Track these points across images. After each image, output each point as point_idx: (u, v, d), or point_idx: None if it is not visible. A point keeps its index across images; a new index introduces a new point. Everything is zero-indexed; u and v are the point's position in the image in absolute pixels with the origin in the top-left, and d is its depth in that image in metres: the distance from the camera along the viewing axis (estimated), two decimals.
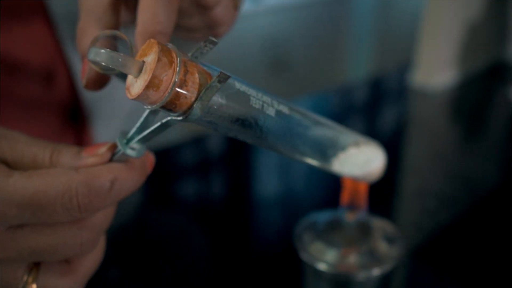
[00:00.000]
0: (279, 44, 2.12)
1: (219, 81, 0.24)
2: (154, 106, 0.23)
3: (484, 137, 0.68)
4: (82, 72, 0.27)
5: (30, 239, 0.25)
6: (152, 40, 0.23)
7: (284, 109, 0.28)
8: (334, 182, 0.39)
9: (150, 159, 0.29)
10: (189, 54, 0.25)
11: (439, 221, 0.50)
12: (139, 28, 0.27)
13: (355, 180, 0.34)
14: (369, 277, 0.35)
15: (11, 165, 0.27)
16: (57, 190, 0.24)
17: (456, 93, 0.81)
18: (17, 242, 0.25)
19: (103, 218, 0.27)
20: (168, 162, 0.64)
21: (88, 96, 0.53)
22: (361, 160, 0.33)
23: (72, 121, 0.55)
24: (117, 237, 0.47)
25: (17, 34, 0.47)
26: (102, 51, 0.23)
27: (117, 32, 0.25)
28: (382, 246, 0.36)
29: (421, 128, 0.74)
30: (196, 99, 0.24)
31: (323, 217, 0.39)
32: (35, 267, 0.27)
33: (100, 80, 0.27)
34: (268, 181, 0.61)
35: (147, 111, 0.26)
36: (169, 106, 0.24)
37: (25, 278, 0.27)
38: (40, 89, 0.49)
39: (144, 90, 0.23)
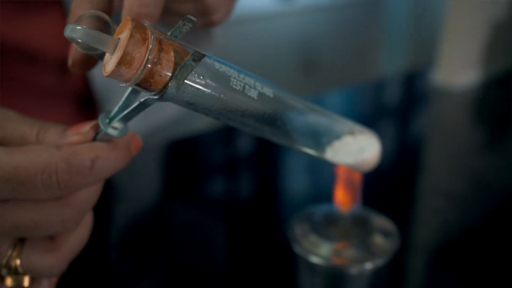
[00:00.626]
0: (311, 45, 2.11)
1: (194, 60, 0.24)
2: (128, 84, 0.23)
3: (505, 139, 0.66)
4: (69, 53, 0.28)
5: (12, 214, 0.26)
6: (128, 17, 0.23)
7: (268, 92, 0.27)
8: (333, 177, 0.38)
9: (136, 140, 0.29)
10: (168, 33, 0.25)
11: (447, 220, 0.48)
12: (125, 10, 0.27)
13: (349, 169, 0.34)
14: (362, 271, 0.34)
15: (1, 142, 0.27)
16: (37, 166, 0.25)
17: (478, 93, 0.79)
18: (0, 217, 0.26)
19: (87, 196, 0.27)
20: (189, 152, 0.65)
21: (101, 85, 0.54)
22: (355, 149, 0.32)
23: (85, 109, 0.56)
24: (137, 227, 0.47)
25: (32, 24, 0.48)
26: (78, 27, 0.23)
27: (99, 13, 0.26)
28: (377, 240, 0.36)
29: (441, 128, 0.72)
30: (171, 78, 0.24)
31: (318, 210, 0.39)
32: (20, 243, 0.28)
33: (86, 61, 0.27)
34: (266, 175, 0.61)
35: (128, 91, 0.26)
36: (144, 84, 0.24)
37: (9, 252, 0.28)
38: (54, 78, 0.51)
39: (116, 66, 0.23)
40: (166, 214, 0.51)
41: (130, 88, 0.26)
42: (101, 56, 0.26)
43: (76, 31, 0.23)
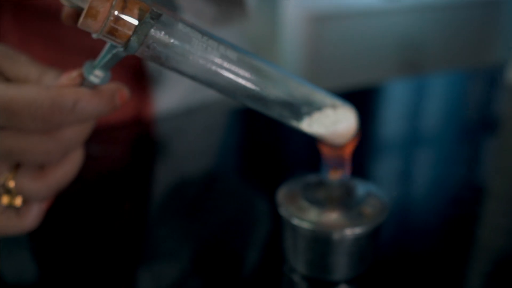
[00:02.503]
0: (415, 45, 2.04)
1: (152, 18, 0.27)
2: (95, 35, 0.27)
3: None
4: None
5: (6, 139, 0.31)
6: None
7: (232, 55, 0.30)
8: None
9: (122, 92, 0.32)
10: None
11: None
12: None
13: (322, 140, 0.35)
14: (347, 236, 0.35)
15: (11, 80, 0.32)
16: (26, 100, 0.29)
17: None
18: None
19: (72, 134, 0.32)
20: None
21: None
22: (330, 121, 0.34)
23: (137, 81, 0.61)
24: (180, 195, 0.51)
25: None
26: None
27: None
28: (364, 208, 0.37)
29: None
30: (133, 33, 0.27)
31: (307, 178, 0.40)
32: (16, 168, 0.33)
33: (75, 16, 0.31)
34: (260, 146, 0.62)
35: (108, 44, 0.30)
36: (110, 37, 0.27)
37: (6, 174, 0.33)
38: None
39: (83, 18, 0.26)
40: (207, 180, 0.55)
41: (109, 43, 0.29)
42: None
43: None
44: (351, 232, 0.35)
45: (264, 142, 0.66)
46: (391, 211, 0.38)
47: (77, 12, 0.30)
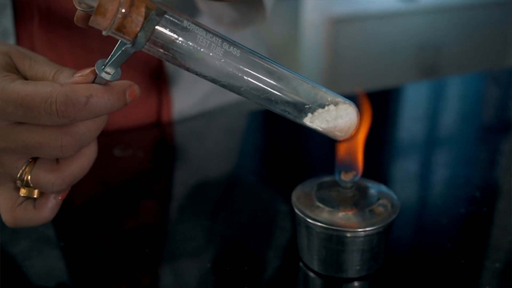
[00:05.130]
0: (433, 46, 2.03)
1: (157, 15, 0.28)
2: (105, 32, 0.29)
3: None
4: None
5: (24, 134, 0.32)
6: None
7: (235, 52, 0.31)
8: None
9: (133, 89, 0.34)
10: None
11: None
12: None
13: (327, 135, 0.36)
14: (359, 235, 0.36)
15: (28, 79, 0.34)
16: (42, 96, 0.31)
17: None
18: (14, 135, 0.32)
19: (86, 129, 0.33)
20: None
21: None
22: (332, 116, 0.35)
23: (154, 79, 0.63)
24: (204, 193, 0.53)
25: None
26: None
27: None
28: (376, 208, 0.37)
29: None
30: (140, 29, 0.28)
31: (320, 179, 0.41)
32: (33, 161, 0.34)
33: (86, 19, 0.32)
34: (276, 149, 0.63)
35: (118, 42, 0.31)
36: (118, 34, 0.29)
37: (23, 168, 0.34)
38: None
39: (93, 16, 0.28)
40: (225, 182, 0.56)
41: (120, 40, 0.30)
42: None
43: None
44: (364, 231, 0.36)
45: (282, 143, 0.67)
46: (404, 211, 0.38)
47: (88, 15, 0.32)
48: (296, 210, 0.38)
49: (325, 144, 0.40)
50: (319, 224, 0.37)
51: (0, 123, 0.32)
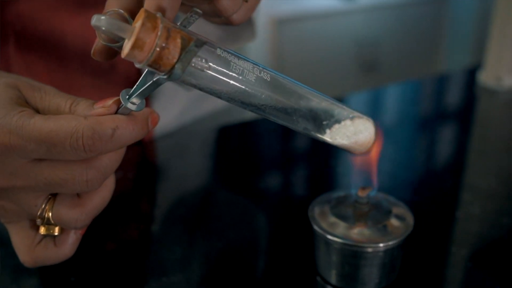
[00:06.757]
0: (371, 43, 2.10)
1: (196, 46, 0.28)
2: (141, 65, 0.28)
3: None
4: (94, 43, 0.32)
5: (46, 171, 0.31)
6: (142, 8, 0.28)
7: (266, 76, 0.31)
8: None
9: (154, 116, 0.33)
10: (178, 23, 0.29)
11: (469, 211, 0.50)
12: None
13: (346, 150, 0.37)
14: (376, 250, 0.37)
15: (40, 112, 0.32)
16: (67, 131, 0.29)
17: None
18: (36, 173, 0.31)
19: (109, 160, 0.32)
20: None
21: None
22: (351, 131, 0.35)
23: None
24: (181, 207, 0.52)
25: (90, 13, 0.54)
26: (102, 17, 0.27)
27: (121, 11, 0.30)
28: (392, 223, 0.38)
29: (483, 127, 0.73)
30: (177, 61, 0.28)
31: (338, 194, 0.42)
32: (53, 197, 0.33)
33: (106, 52, 0.31)
34: (289, 164, 0.64)
35: (145, 71, 0.30)
36: (155, 66, 0.28)
37: (43, 205, 0.33)
38: (109, 64, 0.56)
39: (130, 50, 0.27)
40: (209, 195, 0.56)
41: (146, 70, 0.30)
42: (120, 48, 0.31)
43: (100, 20, 0.27)
44: (385, 246, 0.37)
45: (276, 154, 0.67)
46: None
47: (108, 49, 0.31)
48: (315, 227, 0.39)
49: (312, 150, 0.41)
50: (339, 240, 0.37)
51: (19, 161, 0.31)
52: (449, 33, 2.30)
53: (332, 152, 0.64)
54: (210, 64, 0.29)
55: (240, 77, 0.30)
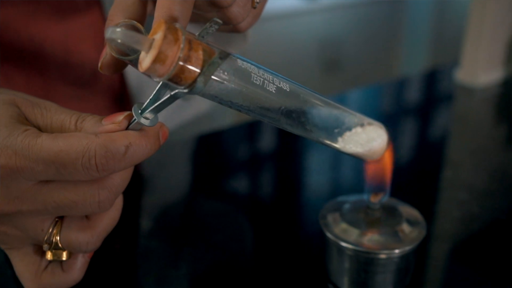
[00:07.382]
0: (333, 43, 2.12)
1: (220, 58, 0.27)
2: (161, 79, 0.26)
3: None
4: (100, 56, 0.31)
5: (55, 194, 0.29)
6: (161, 20, 0.26)
7: (285, 87, 0.30)
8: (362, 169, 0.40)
9: (164, 130, 0.31)
10: (196, 34, 0.27)
11: (470, 212, 0.51)
12: (155, 22, 0.30)
13: (358, 158, 0.36)
14: (389, 257, 0.37)
15: (42, 130, 0.30)
16: (78, 151, 0.27)
17: (500, 91, 0.81)
18: (43, 196, 0.29)
19: (120, 180, 0.30)
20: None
21: (134, 81, 0.57)
22: (364, 139, 0.35)
23: (118, 103, 0.59)
24: (165, 217, 0.50)
25: (73, 22, 0.52)
26: (118, 29, 0.26)
27: (134, 22, 0.28)
28: (404, 228, 0.38)
29: (464, 124, 0.75)
30: (199, 74, 0.26)
31: (348, 199, 0.41)
32: (60, 220, 0.31)
33: (115, 65, 0.30)
34: (300, 168, 0.63)
35: (159, 85, 0.29)
36: (175, 79, 0.26)
37: (50, 230, 0.31)
38: (91, 73, 0.54)
39: (152, 64, 0.25)
40: (193, 205, 0.54)
41: (161, 82, 0.28)
42: (132, 60, 0.29)
43: (116, 32, 0.26)
44: (401, 252, 0.37)
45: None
46: None
47: (118, 62, 0.29)
48: (328, 234, 0.38)
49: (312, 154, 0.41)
50: (353, 247, 0.37)
51: (25, 184, 0.29)
52: (408, 30, 2.35)
53: (332, 156, 0.64)
54: (231, 76, 0.28)
55: (261, 89, 0.29)
